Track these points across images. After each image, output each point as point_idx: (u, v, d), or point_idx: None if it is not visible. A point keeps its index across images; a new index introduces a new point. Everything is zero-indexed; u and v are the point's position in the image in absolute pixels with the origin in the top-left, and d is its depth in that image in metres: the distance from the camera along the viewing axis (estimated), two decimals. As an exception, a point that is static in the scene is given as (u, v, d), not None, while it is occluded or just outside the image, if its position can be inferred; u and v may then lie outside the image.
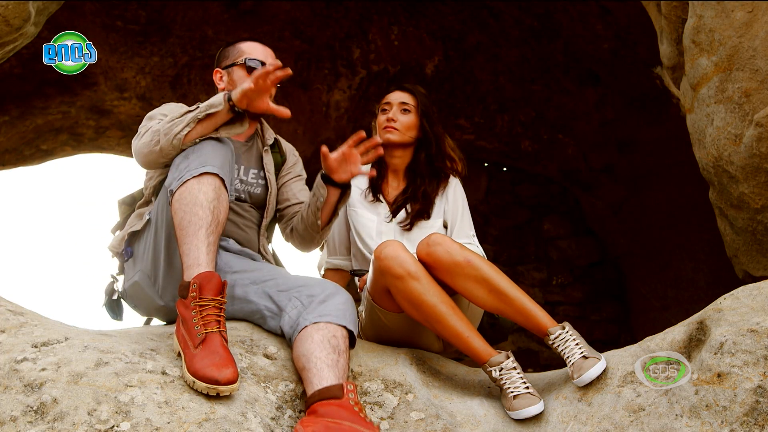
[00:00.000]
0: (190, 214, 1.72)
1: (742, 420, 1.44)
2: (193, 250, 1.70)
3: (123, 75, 4.85)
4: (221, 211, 1.77)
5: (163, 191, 1.90)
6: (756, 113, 1.78)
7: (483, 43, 4.68)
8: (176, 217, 1.74)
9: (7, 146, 5.16)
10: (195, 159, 1.79)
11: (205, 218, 1.72)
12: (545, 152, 5.17)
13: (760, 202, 1.88)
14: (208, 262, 1.69)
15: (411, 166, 2.44)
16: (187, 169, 1.77)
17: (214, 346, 1.57)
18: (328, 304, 1.83)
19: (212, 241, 1.73)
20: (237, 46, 2.24)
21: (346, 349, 1.77)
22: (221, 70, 2.22)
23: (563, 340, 1.78)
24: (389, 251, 1.90)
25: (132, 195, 2.24)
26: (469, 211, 2.43)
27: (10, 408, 1.38)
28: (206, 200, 1.73)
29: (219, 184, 1.77)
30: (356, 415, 1.55)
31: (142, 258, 1.97)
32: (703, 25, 1.90)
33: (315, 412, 1.57)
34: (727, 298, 1.68)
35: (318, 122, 5.03)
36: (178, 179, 1.77)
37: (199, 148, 1.83)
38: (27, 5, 2.00)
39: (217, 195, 1.76)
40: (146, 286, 1.96)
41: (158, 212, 1.91)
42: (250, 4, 4.53)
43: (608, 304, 5.43)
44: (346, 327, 1.80)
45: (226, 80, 2.21)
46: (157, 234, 1.91)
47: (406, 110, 2.41)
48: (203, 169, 1.76)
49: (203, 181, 1.75)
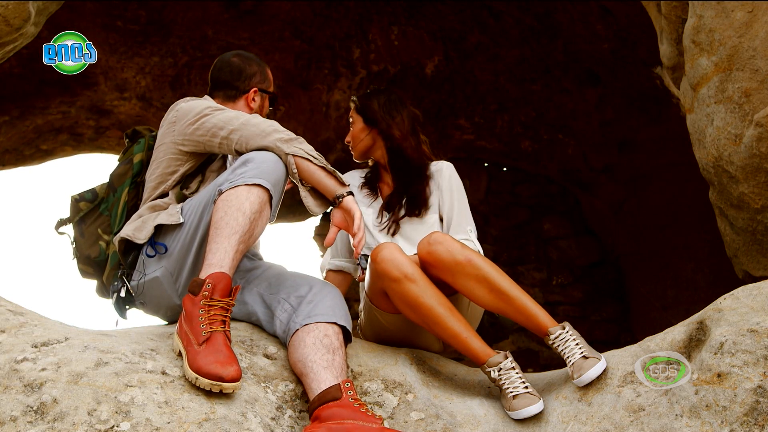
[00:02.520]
0: (231, 217, 1.73)
1: (742, 420, 1.44)
2: (220, 251, 1.70)
3: (123, 75, 4.85)
4: (259, 225, 1.79)
5: (208, 190, 1.90)
6: (756, 113, 1.78)
7: (483, 43, 4.68)
8: (216, 215, 1.75)
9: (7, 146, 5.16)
10: (253, 169, 1.80)
11: (243, 226, 1.73)
12: (545, 152, 5.17)
13: (760, 202, 1.88)
14: (230, 268, 1.70)
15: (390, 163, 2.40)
16: (242, 176, 1.79)
17: (218, 345, 1.57)
18: (316, 303, 1.84)
19: (241, 250, 1.74)
20: (268, 72, 2.31)
21: (341, 345, 1.78)
22: (259, 92, 2.26)
23: (563, 340, 1.78)
24: (386, 254, 1.90)
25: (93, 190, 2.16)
26: (466, 203, 2.34)
27: (10, 408, 1.38)
28: (250, 210, 1.75)
29: (266, 199, 1.79)
30: (357, 411, 1.57)
31: (170, 255, 1.92)
32: (703, 25, 1.90)
33: (318, 418, 1.59)
34: (727, 298, 1.68)
35: (318, 122, 5.03)
36: (231, 182, 1.79)
37: (261, 159, 1.84)
38: (27, 5, 2.00)
39: (261, 209, 1.78)
40: (167, 284, 1.91)
41: (198, 210, 1.89)
42: (250, 4, 4.53)
43: (608, 304, 5.43)
44: (337, 323, 1.80)
45: (258, 103, 2.26)
46: (192, 232, 1.88)
47: (351, 121, 2.46)
48: (257, 180, 1.78)
49: (252, 191, 1.76)
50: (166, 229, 1.94)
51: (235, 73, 2.25)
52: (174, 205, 1.98)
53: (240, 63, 2.26)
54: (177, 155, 2.06)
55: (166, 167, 2.06)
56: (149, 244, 1.94)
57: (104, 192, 2.16)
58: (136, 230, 1.96)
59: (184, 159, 2.06)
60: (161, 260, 1.92)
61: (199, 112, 2.02)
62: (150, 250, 1.94)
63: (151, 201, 2.04)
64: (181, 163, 2.06)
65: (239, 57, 2.29)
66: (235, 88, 2.24)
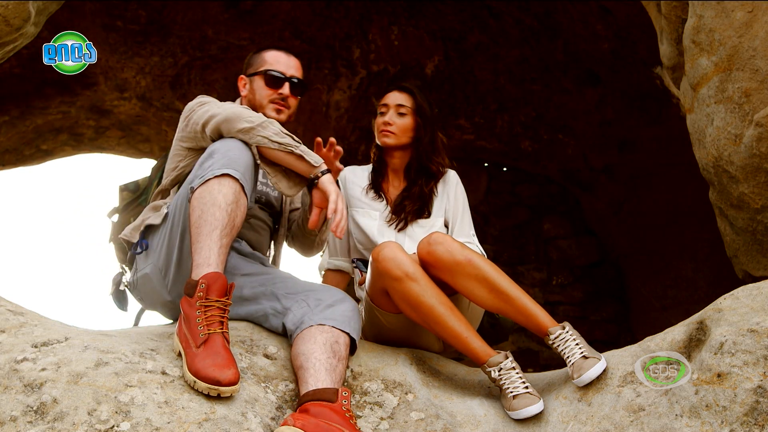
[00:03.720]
0: (207, 213, 1.73)
1: (742, 420, 1.44)
2: (204, 249, 1.70)
3: (123, 75, 4.85)
4: (238, 215, 1.78)
5: (184, 187, 1.91)
6: (756, 113, 1.78)
7: (483, 43, 4.68)
8: (193, 215, 1.75)
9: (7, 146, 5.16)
10: (219, 159, 1.80)
11: (222, 220, 1.73)
12: (545, 152, 5.17)
13: (760, 202, 1.88)
14: (218, 264, 1.70)
15: (410, 165, 2.44)
16: (210, 168, 1.79)
17: (216, 347, 1.57)
18: (335, 309, 1.84)
19: (225, 244, 1.74)
20: (262, 55, 2.25)
21: (346, 357, 1.78)
22: (245, 78, 2.24)
23: (563, 340, 1.78)
24: (387, 252, 1.90)
25: (136, 182, 2.24)
26: (469, 211, 2.44)
27: (10, 408, 1.38)
28: (225, 202, 1.74)
29: (239, 189, 1.78)
30: (347, 421, 1.55)
31: (155, 251, 1.95)
32: (703, 25, 1.89)
33: (306, 411, 1.56)
34: (727, 298, 1.68)
35: (318, 122, 5.03)
36: (200, 177, 1.79)
37: (225, 149, 1.83)
38: (27, 5, 2.00)
39: (236, 199, 1.77)
40: (156, 280, 1.95)
41: (177, 207, 1.91)
42: (250, 4, 4.53)
43: (608, 304, 5.43)
44: (349, 334, 1.80)
45: (248, 88, 2.23)
46: (174, 229, 1.90)
47: (402, 113, 2.41)
48: (225, 170, 1.77)
49: (224, 183, 1.76)
50: (153, 228, 1.99)
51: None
52: (165, 205, 2.01)
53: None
54: (180, 151, 2.10)
55: (171, 164, 2.12)
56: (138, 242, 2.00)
57: (145, 184, 2.23)
58: (133, 229, 2.03)
59: (185, 155, 2.09)
60: (149, 258, 1.97)
61: (190, 108, 2.05)
62: (137, 247, 2.00)
63: (154, 201, 2.08)
64: (181, 158, 2.09)
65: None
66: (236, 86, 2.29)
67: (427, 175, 2.41)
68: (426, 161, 2.41)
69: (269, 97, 2.19)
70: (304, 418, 1.51)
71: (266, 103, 2.19)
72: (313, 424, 1.49)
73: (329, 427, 1.49)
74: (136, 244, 2.01)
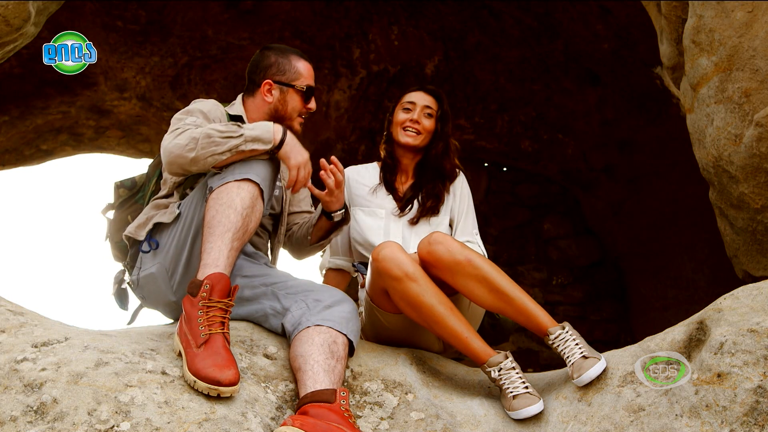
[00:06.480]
0: (222, 215, 1.73)
1: (742, 420, 1.44)
2: (215, 250, 1.70)
3: (123, 75, 4.85)
4: (252, 220, 1.78)
5: (200, 188, 1.91)
6: (756, 113, 1.78)
7: (483, 43, 4.68)
8: (208, 215, 1.75)
9: (7, 146, 5.16)
10: (241, 164, 1.81)
11: (236, 223, 1.73)
12: (545, 152, 5.17)
13: (760, 202, 1.88)
14: (226, 266, 1.70)
15: (421, 163, 2.45)
16: (231, 172, 1.79)
17: (216, 347, 1.57)
18: (333, 310, 1.84)
19: (235, 247, 1.74)
20: (293, 63, 2.16)
21: (345, 357, 1.78)
22: (274, 84, 2.13)
23: (563, 340, 1.78)
24: (387, 252, 1.90)
25: (133, 179, 2.21)
26: (473, 210, 2.45)
27: (10, 408, 1.38)
28: (241, 206, 1.74)
29: (257, 194, 1.79)
30: (346, 420, 1.55)
31: (164, 251, 1.93)
32: (703, 25, 1.89)
33: (306, 413, 1.57)
34: (727, 298, 1.68)
35: (318, 122, 5.03)
36: (221, 179, 1.79)
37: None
38: (27, 5, 2.00)
39: (253, 204, 1.77)
40: (161, 280, 1.93)
41: (191, 207, 1.90)
42: (250, 4, 4.53)
43: (608, 304, 5.43)
44: (347, 336, 1.80)
45: (276, 97, 2.14)
46: (186, 229, 1.89)
47: (429, 115, 2.40)
48: (246, 175, 1.77)
49: (243, 187, 1.76)
50: (163, 227, 1.96)
51: (252, 65, 2.20)
52: (174, 204, 1.99)
53: (258, 55, 2.20)
54: None
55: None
56: (145, 240, 1.97)
57: (142, 181, 2.20)
58: (138, 227, 2.00)
59: None
60: (156, 257, 1.94)
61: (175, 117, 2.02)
62: (145, 246, 1.97)
63: (156, 199, 2.06)
64: None
65: (264, 49, 2.22)
66: (252, 81, 2.19)
67: (441, 174, 2.42)
68: (442, 161, 2.42)
69: (300, 111, 2.18)
70: (303, 419, 1.52)
71: (296, 116, 2.17)
72: (312, 424, 1.49)
73: (328, 426, 1.50)
74: (144, 242, 1.97)
